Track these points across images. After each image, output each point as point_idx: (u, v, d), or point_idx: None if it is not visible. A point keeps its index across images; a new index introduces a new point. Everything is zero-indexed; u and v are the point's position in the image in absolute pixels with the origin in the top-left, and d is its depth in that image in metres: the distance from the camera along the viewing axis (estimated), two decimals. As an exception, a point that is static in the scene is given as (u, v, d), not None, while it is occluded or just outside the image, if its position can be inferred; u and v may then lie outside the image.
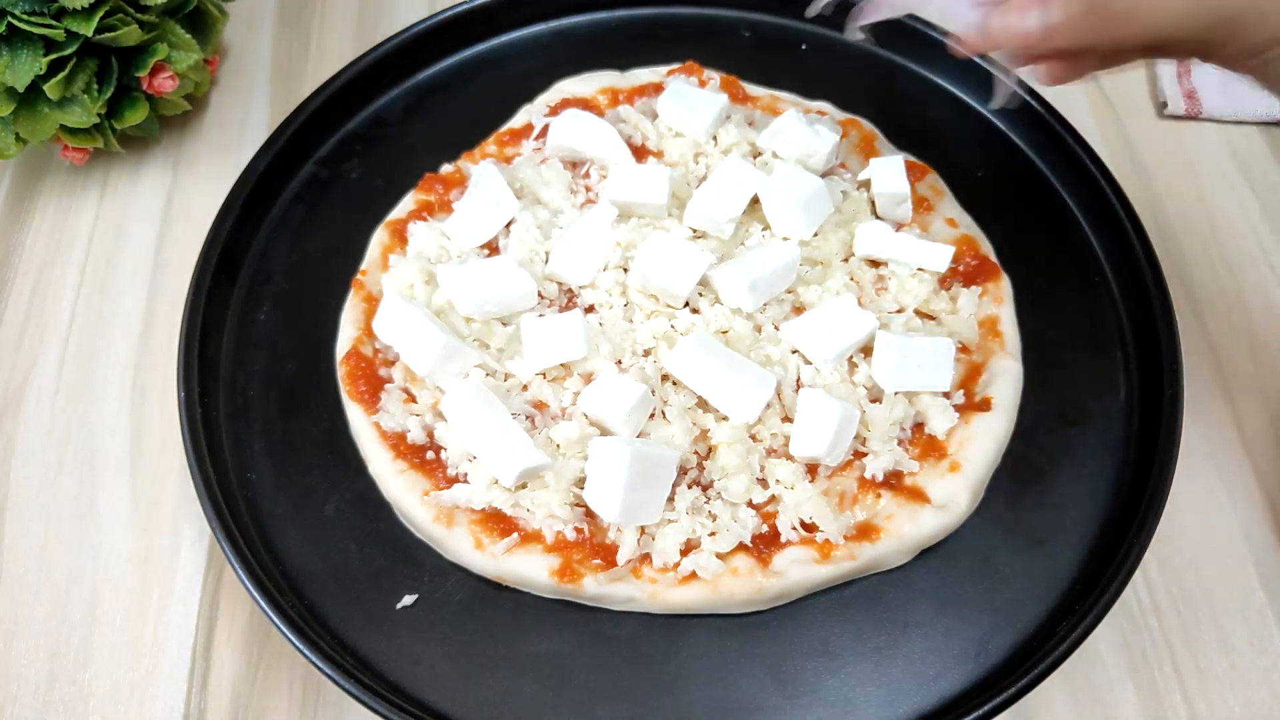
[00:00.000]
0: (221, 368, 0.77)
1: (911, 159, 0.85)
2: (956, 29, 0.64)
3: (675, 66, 0.90)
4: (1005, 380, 0.73)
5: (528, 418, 0.71)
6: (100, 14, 0.79)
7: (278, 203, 0.85)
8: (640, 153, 0.84)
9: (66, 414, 0.80)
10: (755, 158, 0.82)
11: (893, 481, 0.69)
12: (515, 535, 0.67)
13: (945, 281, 0.78)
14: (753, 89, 0.89)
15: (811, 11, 0.71)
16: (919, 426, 0.72)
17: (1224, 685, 0.69)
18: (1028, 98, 0.85)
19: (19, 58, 0.79)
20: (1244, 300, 0.86)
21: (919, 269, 0.77)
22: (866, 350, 0.73)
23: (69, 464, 0.78)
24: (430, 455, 0.71)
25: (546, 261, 0.77)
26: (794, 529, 0.67)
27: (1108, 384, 0.76)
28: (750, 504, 0.68)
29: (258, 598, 0.64)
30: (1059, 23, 0.58)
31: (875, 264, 0.79)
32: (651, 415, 0.71)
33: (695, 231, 0.79)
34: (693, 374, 0.70)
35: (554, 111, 0.86)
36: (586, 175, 0.84)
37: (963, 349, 0.75)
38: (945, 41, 0.66)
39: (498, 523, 0.68)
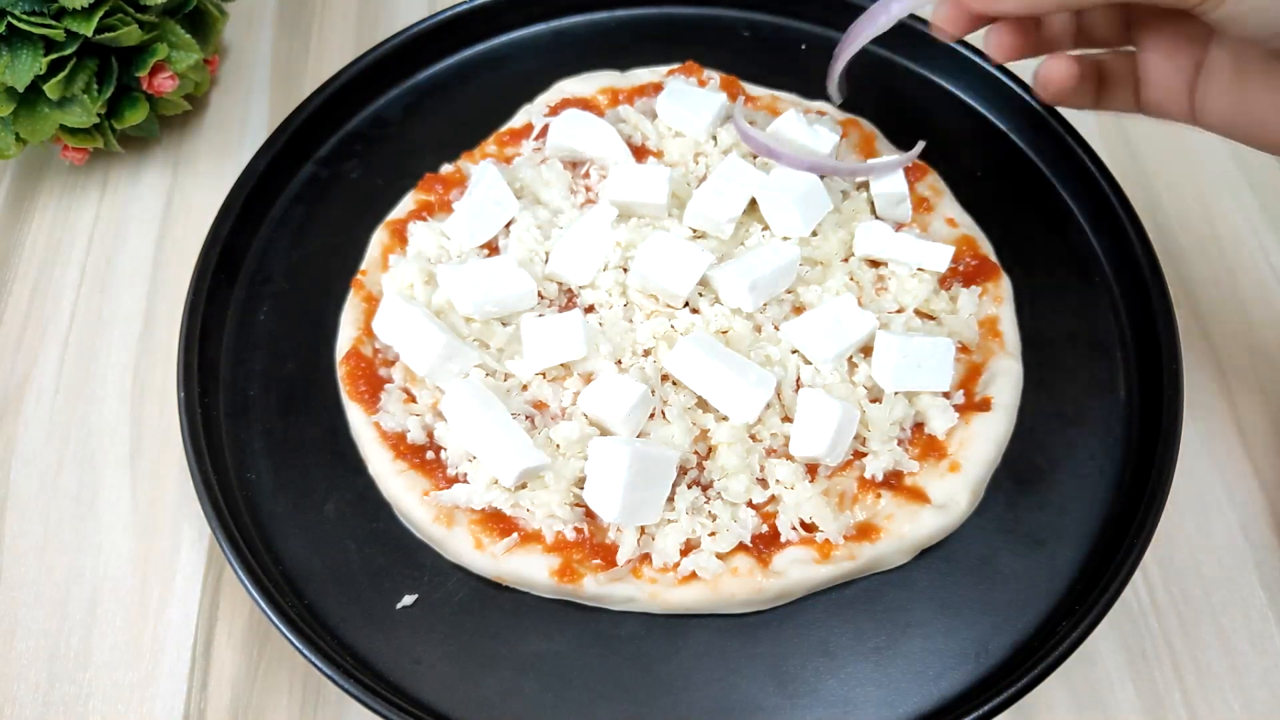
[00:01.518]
0: (221, 368, 0.77)
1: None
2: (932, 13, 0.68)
3: (675, 66, 0.90)
4: (1005, 380, 0.73)
5: (528, 418, 0.71)
6: (100, 14, 0.79)
7: (278, 203, 0.85)
8: (640, 153, 0.84)
9: (66, 414, 0.80)
10: (755, 158, 0.82)
11: (893, 481, 0.69)
12: (515, 535, 0.67)
13: (945, 281, 0.78)
14: (753, 89, 0.89)
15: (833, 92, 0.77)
16: (919, 426, 0.72)
17: (1224, 685, 0.69)
18: (1028, 98, 0.85)
19: (19, 58, 0.79)
20: (1244, 300, 0.86)
21: (919, 269, 0.77)
22: (866, 350, 0.73)
23: (69, 464, 0.78)
24: (430, 455, 0.71)
25: (546, 261, 0.77)
26: (794, 529, 0.67)
27: (1108, 384, 0.76)
28: (750, 504, 0.68)
29: (258, 598, 0.64)
30: None
31: (875, 264, 0.79)
32: (651, 415, 0.71)
33: (695, 231, 0.79)
34: (692, 374, 0.70)
35: (554, 111, 0.86)
36: (586, 175, 0.84)
37: (963, 349, 0.75)
38: (929, 32, 0.70)
39: (498, 523, 0.68)
